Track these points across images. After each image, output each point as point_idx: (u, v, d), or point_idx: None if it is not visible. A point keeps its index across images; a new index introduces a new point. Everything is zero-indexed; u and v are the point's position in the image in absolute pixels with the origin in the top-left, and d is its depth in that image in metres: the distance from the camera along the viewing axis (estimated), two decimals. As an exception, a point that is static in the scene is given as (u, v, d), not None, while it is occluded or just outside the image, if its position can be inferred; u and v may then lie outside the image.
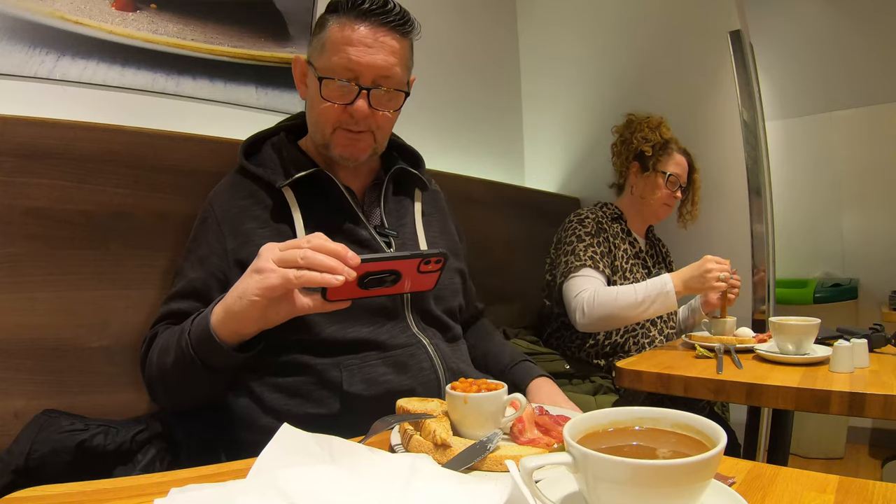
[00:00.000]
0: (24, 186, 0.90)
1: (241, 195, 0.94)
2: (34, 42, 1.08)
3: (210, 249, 0.91)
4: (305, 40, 1.55)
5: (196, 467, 0.60)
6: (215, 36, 1.36)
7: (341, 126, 0.92)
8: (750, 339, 1.39)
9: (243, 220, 0.91)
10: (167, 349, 0.81)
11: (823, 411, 0.96)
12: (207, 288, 0.89)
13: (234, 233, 0.91)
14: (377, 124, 0.93)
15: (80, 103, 1.14)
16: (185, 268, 0.93)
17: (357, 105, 0.90)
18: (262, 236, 0.89)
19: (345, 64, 0.88)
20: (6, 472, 0.81)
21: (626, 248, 1.71)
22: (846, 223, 3.05)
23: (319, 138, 0.95)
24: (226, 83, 1.39)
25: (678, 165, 1.72)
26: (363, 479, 0.50)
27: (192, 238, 0.95)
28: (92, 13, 1.16)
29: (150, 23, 1.24)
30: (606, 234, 1.67)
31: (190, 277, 0.90)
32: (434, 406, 0.71)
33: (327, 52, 0.89)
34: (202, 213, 0.96)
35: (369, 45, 0.88)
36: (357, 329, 0.89)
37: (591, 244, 1.61)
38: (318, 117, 0.93)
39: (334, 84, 0.89)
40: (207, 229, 0.93)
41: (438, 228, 1.09)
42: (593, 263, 1.57)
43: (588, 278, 1.55)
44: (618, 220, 1.75)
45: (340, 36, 0.88)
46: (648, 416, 0.47)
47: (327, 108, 0.90)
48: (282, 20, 1.50)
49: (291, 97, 1.52)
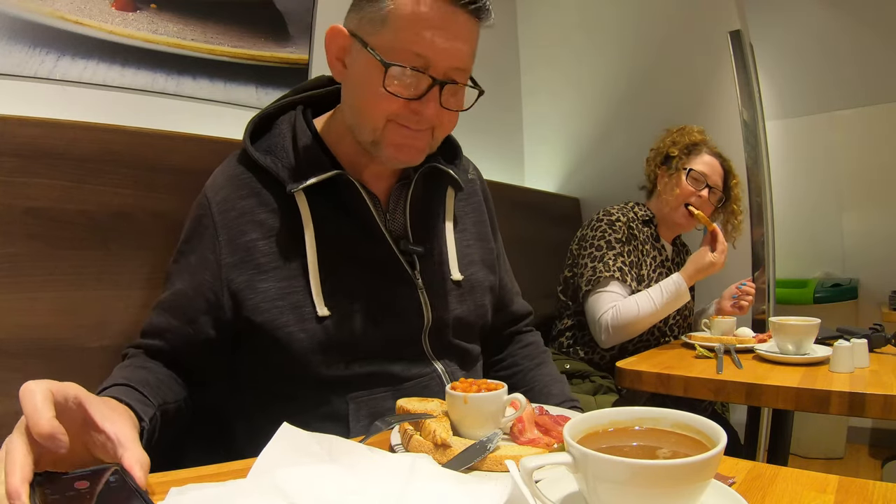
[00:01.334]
0: (24, 186, 0.90)
1: (242, 192, 0.80)
2: (34, 42, 1.08)
3: (202, 261, 0.79)
4: (306, 40, 1.55)
5: (196, 467, 0.60)
6: (215, 36, 1.36)
7: (398, 120, 0.75)
8: (750, 339, 1.39)
9: (244, 227, 0.78)
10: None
11: (823, 411, 0.96)
12: (193, 308, 0.78)
13: (231, 244, 0.78)
14: (440, 122, 0.77)
15: (80, 103, 1.14)
16: (173, 273, 0.82)
17: (427, 103, 0.73)
18: (265, 253, 0.77)
19: (415, 48, 0.70)
20: (6, 473, 0.80)
21: (655, 256, 1.68)
22: (846, 223, 3.05)
23: (367, 134, 0.77)
24: (226, 83, 1.39)
25: (707, 165, 1.64)
26: (363, 478, 0.49)
27: (185, 238, 0.83)
28: (92, 13, 1.16)
29: (150, 23, 1.24)
30: (637, 240, 1.62)
31: (177, 288, 0.80)
32: (434, 406, 0.71)
33: (390, 29, 0.70)
34: (197, 208, 0.83)
35: (446, 28, 0.70)
36: (368, 363, 0.80)
37: (622, 252, 1.56)
38: (369, 108, 0.75)
39: (403, 73, 0.71)
40: (203, 234, 0.80)
41: (475, 235, 0.94)
42: (621, 276, 1.53)
43: (613, 294, 1.52)
44: (649, 224, 1.69)
45: (411, 11, 0.69)
46: (648, 416, 0.47)
47: (387, 99, 0.72)
48: (282, 20, 1.50)
49: (291, 97, 1.52)
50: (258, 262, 0.77)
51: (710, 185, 1.64)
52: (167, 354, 0.81)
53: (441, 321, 0.87)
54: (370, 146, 0.78)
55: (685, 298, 1.47)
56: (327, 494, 0.47)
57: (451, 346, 0.89)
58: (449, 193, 0.91)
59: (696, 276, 1.46)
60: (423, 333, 0.86)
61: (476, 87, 0.79)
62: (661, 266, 1.69)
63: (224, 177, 0.83)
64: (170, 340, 0.80)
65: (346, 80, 0.80)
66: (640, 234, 1.65)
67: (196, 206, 0.84)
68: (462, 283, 0.89)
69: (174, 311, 0.80)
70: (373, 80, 0.72)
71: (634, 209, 1.70)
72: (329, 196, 0.80)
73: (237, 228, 0.78)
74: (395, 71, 0.71)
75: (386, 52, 0.71)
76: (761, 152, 2.04)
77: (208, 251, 0.79)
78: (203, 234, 0.80)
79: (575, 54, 2.44)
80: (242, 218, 0.79)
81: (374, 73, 0.72)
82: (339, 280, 0.80)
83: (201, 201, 0.83)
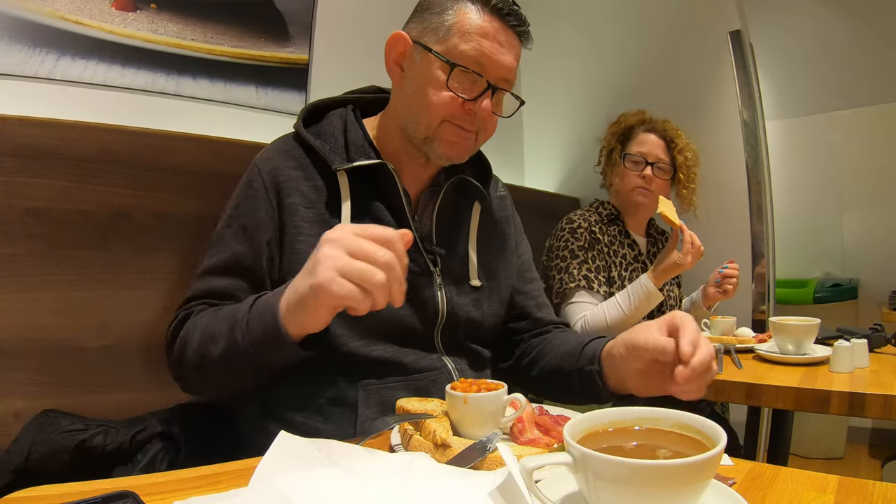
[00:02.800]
0: (24, 186, 0.90)
1: (291, 164, 0.86)
2: (34, 42, 1.08)
3: (258, 222, 0.83)
4: (306, 40, 1.55)
5: (196, 467, 0.60)
6: (215, 36, 1.36)
7: (452, 120, 0.84)
8: (750, 339, 1.39)
9: (290, 191, 0.83)
10: (212, 337, 0.73)
11: (823, 411, 0.96)
12: (257, 266, 0.82)
13: (279, 206, 0.83)
14: (485, 126, 0.87)
15: (80, 103, 1.14)
16: (226, 236, 0.84)
17: (483, 103, 0.83)
18: (305, 217, 0.83)
19: (476, 56, 0.81)
20: (6, 472, 0.81)
21: (626, 253, 1.64)
22: (846, 223, 3.05)
23: (422, 131, 0.85)
24: (226, 83, 1.39)
25: (642, 144, 1.62)
26: (363, 479, 0.50)
27: (234, 204, 0.86)
28: (92, 13, 1.16)
29: (150, 23, 1.24)
30: (601, 243, 1.58)
31: (235, 250, 0.82)
32: (434, 406, 0.71)
33: (454, 37, 0.81)
34: (247, 176, 0.87)
35: (501, 43, 0.83)
36: (382, 347, 0.83)
37: (585, 260, 1.54)
38: (429, 106, 0.83)
39: (465, 75, 0.82)
40: (255, 196, 0.84)
41: (497, 248, 0.99)
42: (587, 283, 1.51)
43: (581, 304, 1.50)
44: (615, 222, 1.67)
45: (474, 24, 0.81)
46: (648, 416, 0.47)
47: (448, 98, 0.82)
48: (282, 20, 1.50)
49: (291, 97, 1.52)
50: (298, 225, 0.82)
51: (652, 161, 1.60)
52: None
53: (454, 319, 0.90)
54: (422, 142, 0.86)
55: (657, 299, 1.42)
56: (329, 497, 0.47)
57: (461, 346, 0.92)
58: (475, 207, 0.97)
59: (662, 276, 1.41)
60: (436, 328, 0.89)
61: (518, 98, 0.90)
62: (636, 261, 1.66)
63: (274, 151, 0.88)
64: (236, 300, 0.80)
65: (403, 83, 0.87)
66: (605, 235, 1.61)
67: (246, 175, 0.88)
68: (480, 289, 0.94)
69: (234, 270, 0.82)
70: (437, 80, 0.82)
71: (599, 209, 1.68)
72: (368, 183, 0.87)
73: (284, 191, 0.84)
74: (458, 72, 0.81)
75: (456, 57, 0.81)
76: (761, 152, 2.04)
77: (264, 212, 0.83)
78: (255, 198, 0.84)
79: (575, 55, 2.44)
80: (288, 184, 0.84)
81: (438, 73, 0.82)
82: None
83: (250, 170, 0.87)
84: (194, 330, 0.77)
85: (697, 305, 1.70)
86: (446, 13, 0.82)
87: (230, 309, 0.74)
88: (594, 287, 1.51)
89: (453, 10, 0.82)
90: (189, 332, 0.77)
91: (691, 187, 1.67)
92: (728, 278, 1.57)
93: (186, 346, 0.76)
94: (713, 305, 1.66)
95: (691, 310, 1.74)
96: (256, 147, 1.18)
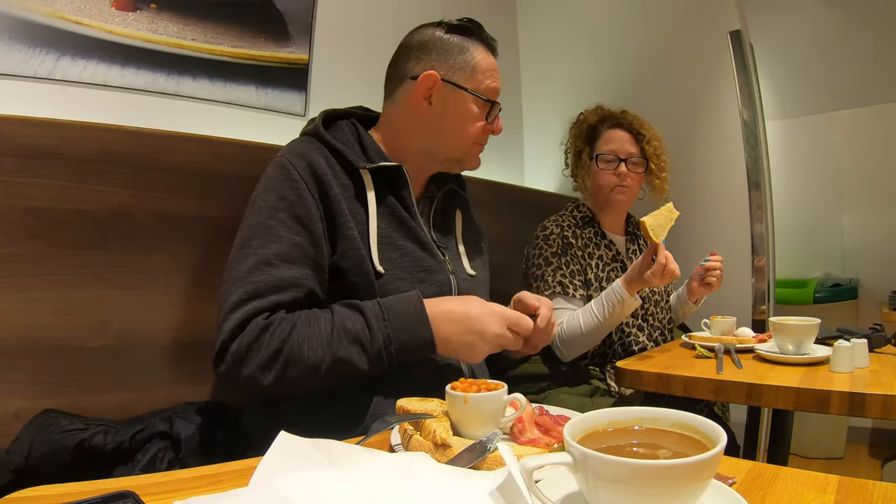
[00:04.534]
0: (24, 186, 0.90)
1: (321, 160, 0.91)
2: (34, 42, 1.08)
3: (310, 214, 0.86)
4: (306, 40, 1.55)
5: (196, 467, 0.60)
6: (215, 36, 1.36)
7: (479, 142, 1.03)
8: (750, 339, 1.38)
9: (330, 184, 0.89)
10: (348, 360, 0.79)
11: (823, 411, 0.96)
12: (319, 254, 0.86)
13: (322, 198, 0.88)
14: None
15: (80, 103, 1.14)
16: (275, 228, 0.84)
17: (499, 124, 1.03)
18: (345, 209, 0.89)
19: (494, 88, 1.01)
20: (6, 472, 0.81)
21: (602, 254, 1.61)
22: (846, 223, 3.05)
23: (455, 153, 1.02)
24: (226, 83, 1.39)
25: (611, 141, 1.60)
26: (363, 479, 0.50)
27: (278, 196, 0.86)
28: (92, 13, 1.16)
29: (150, 23, 1.24)
30: (574, 247, 1.56)
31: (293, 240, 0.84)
32: (434, 406, 0.71)
33: (479, 76, 0.99)
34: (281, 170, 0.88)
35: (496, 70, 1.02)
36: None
37: (559, 266, 1.52)
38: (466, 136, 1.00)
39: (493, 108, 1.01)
40: (299, 188, 0.86)
41: (476, 248, 1.14)
42: (562, 289, 1.50)
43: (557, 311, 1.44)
44: (590, 224, 1.64)
45: (487, 63, 1.00)
46: (648, 416, 0.47)
47: (481, 128, 1.01)
48: (282, 20, 1.50)
49: (291, 97, 1.52)
50: (345, 213, 0.89)
51: (624, 157, 1.58)
52: (301, 304, 0.83)
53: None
54: (451, 162, 1.04)
55: (632, 305, 1.37)
56: (328, 497, 0.47)
57: None
58: (457, 214, 1.12)
59: (633, 285, 1.36)
60: None
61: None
62: (614, 261, 1.62)
63: (303, 147, 0.92)
64: (305, 288, 0.84)
65: (430, 114, 0.99)
66: (579, 238, 1.59)
67: (279, 169, 0.89)
68: (475, 278, 1.08)
69: (301, 260, 0.84)
70: (472, 114, 0.99)
71: (574, 212, 1.65)
72: (385, 182, 0.96)
73: (326, 184, 0.89)
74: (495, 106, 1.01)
75: (486, 93, 1.00)
76: (761, 152, 2.04)
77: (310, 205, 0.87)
78: (301, 189, 0.87)
79: (574, 56, 2.44)
80: (326, 178, 0.89)
81: (472, 108, 0.99)
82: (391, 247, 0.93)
83: (283, 164, 0.89)
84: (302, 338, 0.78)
85: (683, 300, 1.67)
86: (466, 53, 0.98)
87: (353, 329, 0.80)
88: (569, 292, 1.50)
89: (470, 51, 0.98)
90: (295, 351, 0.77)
91: (663, 176, 1.64)
92: (711, 271, 1.53)
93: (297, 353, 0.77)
94: (699, 299, 1.63)
95: (678, 306, 1.71)
96: (256, 147, 1.19)
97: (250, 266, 0.81)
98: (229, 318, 0.77)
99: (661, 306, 1.67)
